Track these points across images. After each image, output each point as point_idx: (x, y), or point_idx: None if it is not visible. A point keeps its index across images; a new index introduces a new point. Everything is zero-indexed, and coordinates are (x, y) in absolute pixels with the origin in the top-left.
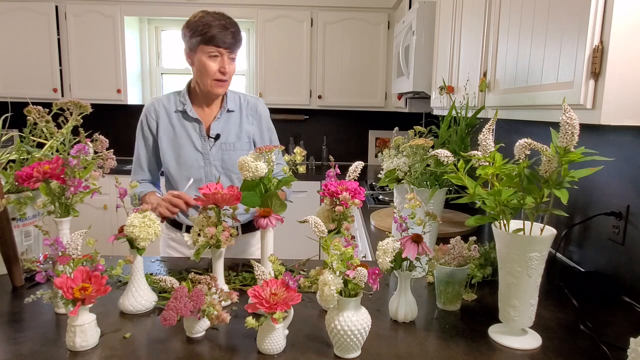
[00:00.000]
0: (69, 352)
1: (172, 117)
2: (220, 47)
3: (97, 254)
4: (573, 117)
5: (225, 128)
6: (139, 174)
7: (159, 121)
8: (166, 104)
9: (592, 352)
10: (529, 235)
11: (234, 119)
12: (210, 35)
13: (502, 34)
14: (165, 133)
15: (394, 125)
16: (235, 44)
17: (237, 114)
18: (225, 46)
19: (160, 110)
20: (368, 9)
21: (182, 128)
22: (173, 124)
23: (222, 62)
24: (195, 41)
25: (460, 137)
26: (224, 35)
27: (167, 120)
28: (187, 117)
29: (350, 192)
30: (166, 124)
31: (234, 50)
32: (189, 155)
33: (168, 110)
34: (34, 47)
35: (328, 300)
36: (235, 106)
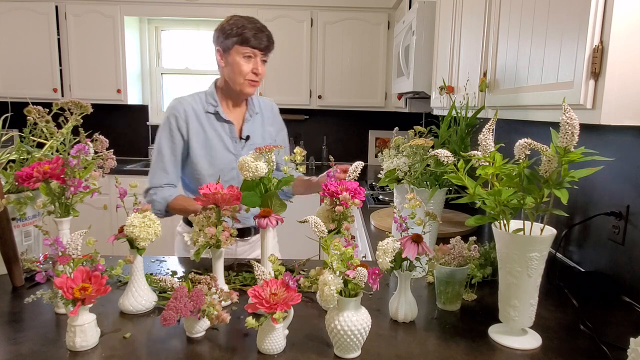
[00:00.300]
0: (69, 352)
1: (201, 118)
2: (255, 48)
3: (97, 254)
4: (573, 117)
5: (252, 129)
6: (162, 177)
7: (189, 123)
8: (194, 105)
9: (592, 352)
10: (529, 235)
11: (258, 120)
12: (246, 36)
13: (502, 34)
14: (196, 135)
15: (394, 125)
16: (269, 46)
17: (259, 116)
18: (261, 48)
19: (189, 111)
20: (368, 9)
21: (212, 130)
22: (203, 126)
23: (255, 63)
24: (230, 42)
25: (460, 137)
26: (259, 37)
27: (196, 122)
28: (218, 119)
29: (350, 192)
30: (196, 125)
31: (267, 53)
32: (222, 157)
33: (197, 112)
34: (34, 47)
35: (328, 300)
36: (258, 108)
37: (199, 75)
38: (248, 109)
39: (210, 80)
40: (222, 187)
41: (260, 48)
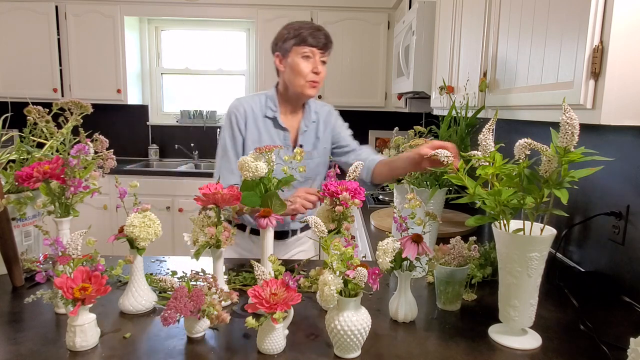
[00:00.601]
0: (69, 352)
1: (258, 120)
2: (313, 46)
3: (97, 254)
4: (573, 117)
5: (306, 139)
6: (230, 178)
7: (247, 121)
8: (253, 107)
9: (592, 352)
10: (529, 235)
11: (312, 129)
12: (304, 35)
13: (502, 34)
14: (251, 136)
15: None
16: (327, 45)
17: (316, 125)
18: (319, 46)
19: (248, 111)
20: (368, 9)
21: (267, 134)
22: (259, 129)
23: (314, 63)
24: (288, 45)
25: (460, 137)
26: (317, 36)
27: (253, 124)
28: (275, 124)
29: (350, 192)
30: (252, 126)
31: (325, 51)
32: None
33: (255, 113)
34: (34, 47)
35: (328, 300)
36: (315, 115)
37: (199, 75)
38: (304, 117)
39: (209, 80)
40: (222, 187)
41: (319, 46)
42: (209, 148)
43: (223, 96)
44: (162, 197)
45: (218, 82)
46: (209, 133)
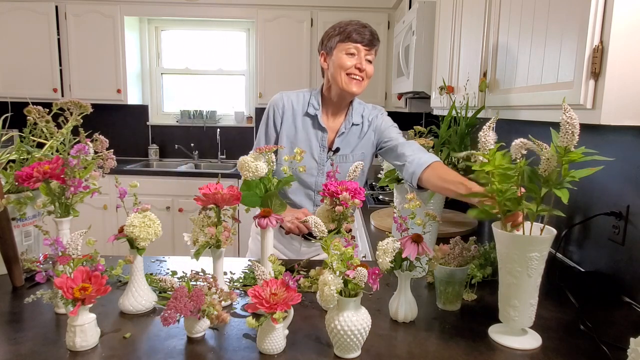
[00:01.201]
0: (69, 352)
1: (297, 117)
2: (357, 42)
3: (97, 254)
4: (573, 117)
5: (344, 142)
6: None
7: (284, 117)
8: (295, 103)
9: (592, 352)
10: (529, 235)
11: (354, 131)
12: (349, 31)
13: (502, 34)
14: (286, 131)
15: None
16: (372, 41)
17: (359, 128)
18: (364, 42)
19: (287, 106)
20: (368, 9)
21: (304, 132)
22: (296, 125)
23: (359, 59)
24: (333, 42)
25: (460, 137)
26: (362, 32)
27: (291, 119)
28: (314, 124)
29: (350, 192)
30: (290, 122)
31: (371, 48)
32: (305, 162)
33: (295, 109)
34: (34, 47)
35: (328, 300)
36: (359, 119)
37: (199, 75)
38: (346, 119)
39: (209, 80)
40: (222, 187)
41: (363, 43)
42: (209, 148)
43: (223, 96)
44: (162, 197)
45: (218, 82)
46: (209, 133)
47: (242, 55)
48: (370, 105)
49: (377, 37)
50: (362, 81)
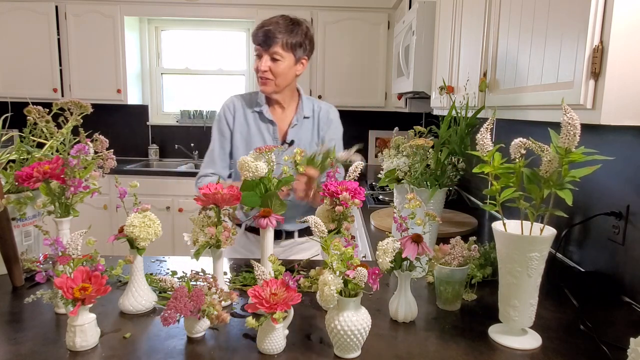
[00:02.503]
0: (69, 352)
1: (248, 115)
2: (255, 44)
3: (97, 254)
4: (574, 118)
5: (298, 134)
6: (210, 167)
7: (235, 116)
8: (244, 102)
9: (592, 352)
10: (529, 235)
11: (307, 125)
12: (252, 34)
13: (502, 34)
14: (240, 130)
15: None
16: (267, 40)
17: (310, 121)
18: (258, 43)
19: (237, 105)
20: (368, 9)
21: (256, 128)
22: (248, 122)
23: (262, 60)
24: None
25: (460, 137)
26: (256, 34)
27: (242, 117)
28: (262, 118)
29: (350, 192)
30: (241, 120)
31: (267, 49)
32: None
33: (245, 108)
34: (34, 47)
35: (328, 300)
36: (309, 112)
37: (199, 75)
38: (297, 112)
39: (209, 80)
40: (222, 187)
41: (258, 43)
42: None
43: (223, 96)
44: (162, 197)
45: (218, 82)
46: (209, 133)
47: (242, 55)
48: (325, 105)
49: (273, 36)
50: (268, 80)
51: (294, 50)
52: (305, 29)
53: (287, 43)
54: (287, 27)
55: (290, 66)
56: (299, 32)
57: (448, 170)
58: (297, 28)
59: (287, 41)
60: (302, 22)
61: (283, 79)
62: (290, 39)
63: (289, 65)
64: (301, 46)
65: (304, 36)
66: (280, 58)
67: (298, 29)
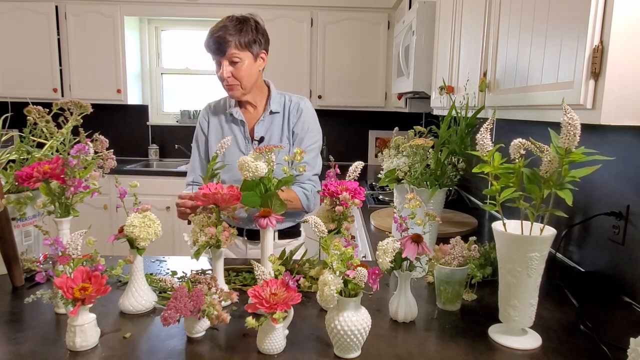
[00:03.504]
0: (69, 352)
1: (222, 118)
2: (209, 53)
3: (97, 254)
4: (575, 118)
5: (269, 130)
6: (190, 175)
7: (210, 122)
8: (217, 107)
9: (592, 352)
10: (529, 235)
11: (277, 120)
12: (205, 44)
13: (502, 34)
14: (215, 134)
15: (394, 125)
16: (220, 49)
17: (280, 115)
18: (211, 52)
19: (211, 111)
20: (368, 9)
21: (229, 130)
22: (222, 125)
23: (221, 68)
24: None
25: (460, 137)
26: (209, 43)
27: (217, 122)
28: (234, 120)
29: (350, 192)
30: (216, 124)
31: (223, 56)
32: (233, 156)
33: (219, 112)
34: (34, 47)
35: (328, 300)
36: (279, 107)
37: (199, 75)
38: (266, 108)
39: (210, 80)
40: (222, 187)
41: (213, 52)
42: None
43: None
44: (162, 197)
45: (218, 82)
46: None
47: None
48: (295, 98)
49: (225, 42)
50: (234, 86)
51: (250, 48)
52: (254, 23)
53: (240, 43)
54: (236, 27)
55: (250, 65)
56: (248, 29)
57: (448, 170)
58: (246, 25)
59: (239, 41)
60: (249, 19)
61: (247, 79)
62: (242, 38)
63: (250, 64)
64: (255, 42)
65: (254, 32)
66: (239, 60)
67: (247, 26)
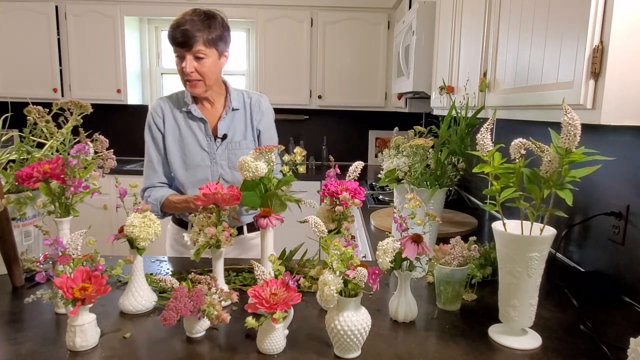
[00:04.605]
0: (69, 352)
1: (177, 116)
2: (173, 45)
3: (97, 254)
4: (575, 118)
5: (231, 127)
6: (153, 178)
7: (165, 119)
8: (172, 104)
9: (592, 352)
10: (529, 235)
11: (239, 117)
12: (168, 35)
13: (502, 34)
14: (171, 132)
15: (394, 125)
16: (187, 42)
17: (241, 112)
18: (177, 45)
19: (165, 108)
20: (368, 9)
21: (187, 128)
22: (179, 124)
23: (184, 62)
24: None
25: (460, 137)
26: (173, 34)
27: (172, 120)
28: (192, 117)
29: (350, 192)
30: (172, 122)
31: (188, 49)
32: (195, 155)
33: (173, 109)
34: (34, 47)
35: (328, 300)
36: (239, 104)
37: None
38: (225, 105)
39: None
40: (222, 187)
41: (178, 45)
42: None
43: None
44: None
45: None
46: None
47: (242, 55)
48: (255, 95)
49: (192, 36)
50: (195, 81)
51: (216, 45)
52: (221, 20)
53: (208, 40)
54: (204, 22)
55: (215, 62)
56: (216, 25)
57: (448, 170)
58: (214, 21)
59: (207, 38)
60: (216, 14)
61: (210, 77)
62: (210, 34)
63: (214, 61)
64: (222, 39)
65: (222, 28)
66: (204, 56)
67: (215, 22)
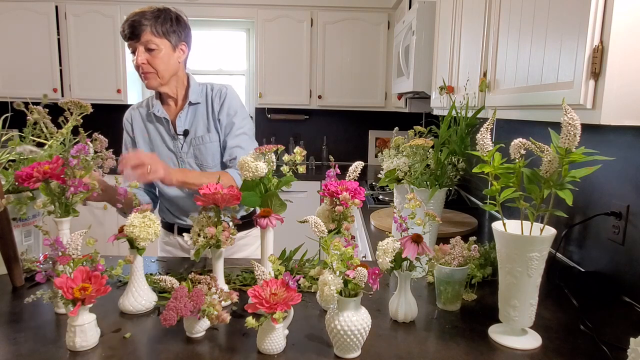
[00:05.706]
0: (69, 352)
1: (145, 118)
2: (125, 39)
3: (97, 254)
4: (575, 118)
5: (193, 122)
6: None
7: (133, 125)
8: (141, 107)
9: (592, 352)
10: (529, 235)
11: (200, 111)
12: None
13: (502, 34)
14: (141, 136)
15: (394, 125)
16: (135, 33)
17: (203, 106)
18: (127, 39)
19: (134, 114)
20: (368, 9)
21: (154, 129)
22: (147, 126)
23: (137, 55)
24: None
25: (460, 137)
26: (123, 28)
27: (141, 124)
28: (157, 117)
29: (350, 192)
30: (141, 127)
31: (136, 42)
32: (163, 156)
33: (142, 113)
34: (34, 47)
35: (328, 300)
36: (200, 97)
37: (199, 75)
38: (184, 100)
39: (210, 80)
40: (222, 187)
41: (128, 39)
42: None
43: None
44: None
45: (218, 82)
46: None
47: (242, 55)
48: (218, 85)
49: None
50: (150, 74)
51: (168, 37)
52: (174, 15)
53: (156, 30)
54: (153, 14)
55: (169, 54)
56: (167, 18)
57: (448, 170)
58: (164, 14)
59: (155, 28)
60: (169, 9)
61: (164, 69)
62: (159, 25)
63: (167, 53)
64: (175, 32)
65: (174, 22)
66: (155, 47)
67: (165, 15)
